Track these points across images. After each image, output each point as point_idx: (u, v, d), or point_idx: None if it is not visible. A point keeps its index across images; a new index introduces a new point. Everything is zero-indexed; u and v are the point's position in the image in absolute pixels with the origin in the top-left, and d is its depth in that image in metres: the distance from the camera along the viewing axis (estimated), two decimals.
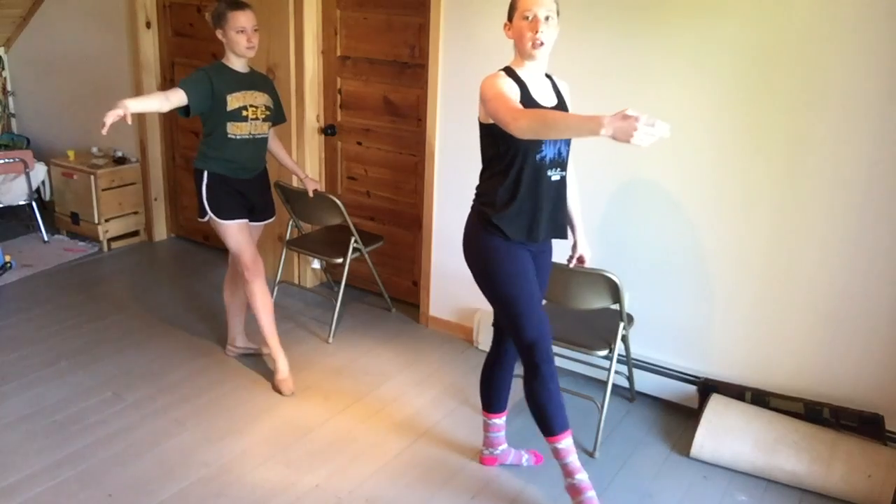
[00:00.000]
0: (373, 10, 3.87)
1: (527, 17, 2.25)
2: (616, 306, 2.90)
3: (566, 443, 2.47)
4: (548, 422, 2.45)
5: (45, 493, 2.61)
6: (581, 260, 2.75)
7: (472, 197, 2.49)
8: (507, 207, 2.35)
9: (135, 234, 5.06)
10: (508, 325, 2.48)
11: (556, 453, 2.49)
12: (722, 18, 2.85)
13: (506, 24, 2.35)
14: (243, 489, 2.68)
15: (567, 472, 2.50)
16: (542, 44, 2.27)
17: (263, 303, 3.30)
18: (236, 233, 3.20)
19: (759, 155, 2.90)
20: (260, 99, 3.19)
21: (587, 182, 3.12)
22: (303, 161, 4.12)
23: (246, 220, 3.25)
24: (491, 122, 2.27)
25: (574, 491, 2.50)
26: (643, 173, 3.18)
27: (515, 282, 2.40)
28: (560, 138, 2.33)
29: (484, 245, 2.42)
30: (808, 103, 2.76)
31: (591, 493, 2.48)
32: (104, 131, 2.67)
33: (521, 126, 2.08)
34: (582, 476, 2.49)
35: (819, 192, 2.82)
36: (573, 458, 2.49)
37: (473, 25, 3.43)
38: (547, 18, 2.25)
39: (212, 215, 3.17)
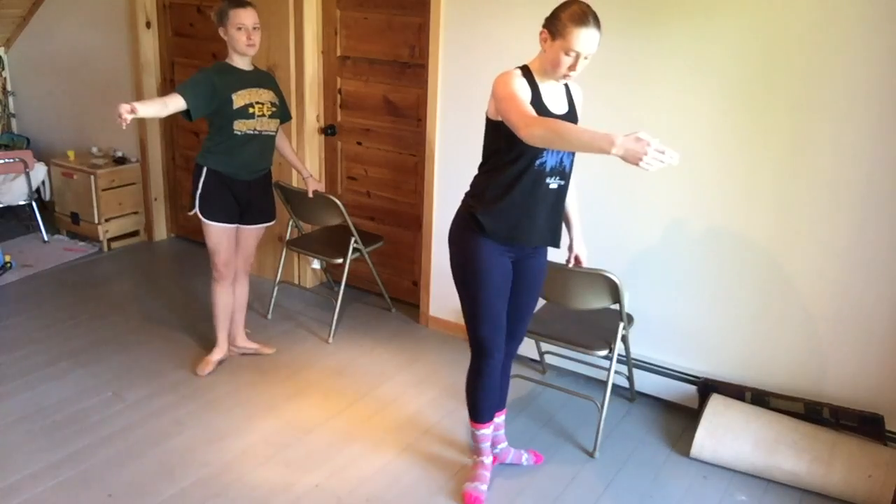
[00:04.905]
0: (373, 10, 3.87)
1: (570, 54, 2.20)
2: (616, 306, 2.90)
3: (483, 431, 2.68)
4: (474, 409, 2.64)
5: (46, 493, 2.61)
6: (577, 260, 2.75)
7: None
8: (494, 205, 2.35)
9: (135, 234, 5.05)
10: (466, 319, 2.54)
11: (473, 435, 2.71)
12: (723, 18, 2.85)
13: (542, 32, 2.25)
14: (243, 489, 2.68)
15: (476, 452, 2.73)
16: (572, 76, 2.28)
17: (224, 302, 3.40)
18: (216, 234, 3.24)
19: (760, 156, 2.90)
20: (265, 96, 3.20)
21: (588, 182, 3.12)
22: (303, 161, 4.11)
23: (232, 225, 3.27)
24: (500, 119, 2.26)
25: (474, 467, 2.72)
26: (643, 173, 3.17)
27: (482, 287, 2.43)
28: (570, 151, 2.33)
29: (466, 244, 2.43)
30: (808, 105, 2.76)
31: (481, 486, 2.65)
32: (124, 126, 2.72)
33: (534, 134, 2.07)
34: (487, 459, 2.71)
35: (819, 192, 2.82)
36: (486, 445, 2.71)
37: (473, 25, 3.43)
38: (587, 57, 2.24)
39: (198, 212, 3.19)
